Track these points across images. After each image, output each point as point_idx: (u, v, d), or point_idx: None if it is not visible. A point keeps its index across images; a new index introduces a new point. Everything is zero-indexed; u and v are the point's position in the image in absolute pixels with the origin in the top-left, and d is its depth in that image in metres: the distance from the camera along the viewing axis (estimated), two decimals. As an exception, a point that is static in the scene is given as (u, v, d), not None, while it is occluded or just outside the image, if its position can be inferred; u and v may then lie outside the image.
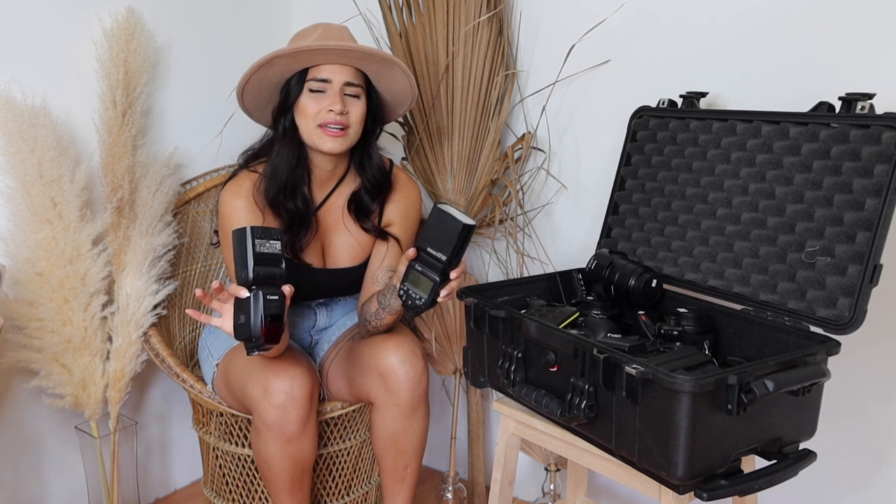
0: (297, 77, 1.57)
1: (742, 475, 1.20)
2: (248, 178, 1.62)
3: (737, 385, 1.11)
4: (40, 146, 1.64)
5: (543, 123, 1.89)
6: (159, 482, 2.12)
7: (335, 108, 1.54)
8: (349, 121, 1.56)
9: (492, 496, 1.57)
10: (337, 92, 1.55)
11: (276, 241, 1.34)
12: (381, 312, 1.60)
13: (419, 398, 1.60)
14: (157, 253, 1.79)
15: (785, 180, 1.38)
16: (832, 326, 1.25)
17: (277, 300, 1.32)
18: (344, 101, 1.55)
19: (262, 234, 1.32)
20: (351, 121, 1.57)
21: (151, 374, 2.02)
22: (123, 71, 1.74)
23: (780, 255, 1.36)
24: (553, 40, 1.83)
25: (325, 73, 1.55)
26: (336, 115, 1.54)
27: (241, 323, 1.33)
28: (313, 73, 1.55)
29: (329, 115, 1.54)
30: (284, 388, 1.50)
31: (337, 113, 1.54)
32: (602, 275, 1.53)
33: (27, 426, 1.81)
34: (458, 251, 1.37)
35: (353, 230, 1.69)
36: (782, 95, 1.52)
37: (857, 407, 1.57)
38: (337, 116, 1.54)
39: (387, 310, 1.59)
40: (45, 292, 1.65)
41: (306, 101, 1.56)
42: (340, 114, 1.54)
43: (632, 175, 1.65)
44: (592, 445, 1.32)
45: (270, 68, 1.55)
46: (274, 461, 1.54)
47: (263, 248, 1.32)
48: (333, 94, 1.55)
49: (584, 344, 1.25)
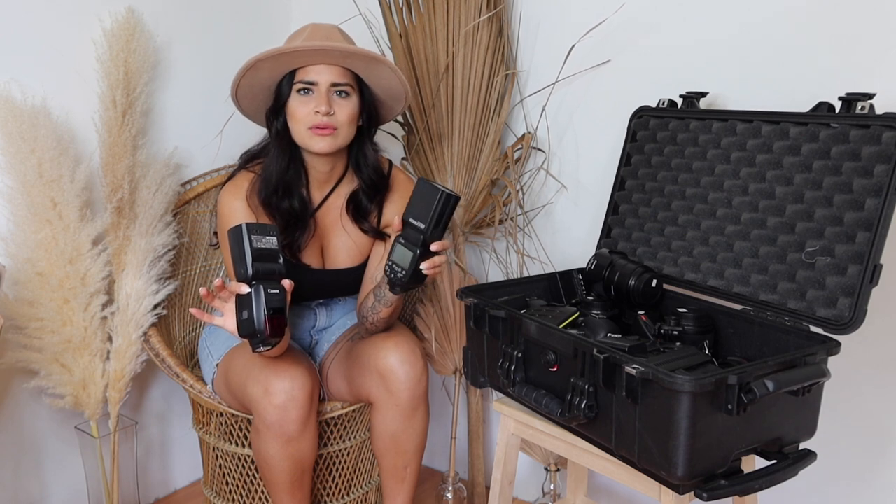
0: (287, 79, 1.57)
1: (742, 475, 1.20)
2: (246, 178, 1.62)
3: (737, 385, 1.11)
4: (40, 146, 1.64)
5: (543, 123, 1.89)
6: (159, 482, 2.12)
7: (321, 110, 1.53)
8: (337, 121, 1.56)
9: (492, 496, 1.57)
10: (324, 93, 1.55)
11: (272, 237, 1.34)
12: (378, 305, 1.59)
13: (419, 398, 1.60)
14: (157, 253, 1.79)
15: (785, 180, 1.38)
16: (832, 326, 1.25)
17: (279, 294, 1.33)
18: (331, 102, 1.55)
19: (258, 230, 1.33)
20: (339, 121, 1.56)
21: (151, 374, 2.02)
22: (123, 71, 1.74)
23: (780, 255, 1.36)
24: (553, 40, 1.83)
25: (311, 74, 1.55)
26: (323, 117, 1.54)
27: (244, 319, 1.33)
28: (300, 76, 1.56)
29: (317, 116, 1.54)
30: (285, 388, 1.50)
31: (323, 114, 1.54)
32: (602, 275, 1.53)
33: (27, 426, 1.81)
34: (437, 221, 1.37)
35: (351, 231, 1.69)
36: (782, 95, 1.52)
37: (857, 407, 1.57)
38: (324, 118, 1.54)
39: (382, 301, 1.58)
40: (45, 292, 1.65)
41: (295, 103, 1.57)
42: (327, 114, 1.54)
43: (632, 175, 1.65)
44: (592, 445, 1.32)
45: (257, 72, 1.56)
46: (274, 461, 1.54)
47: (260, 243, 1.33)
48: (320, 96, 1.55)
49: (584, 344, 1.25)
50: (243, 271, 1.32)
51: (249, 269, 1.32)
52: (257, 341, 1.34)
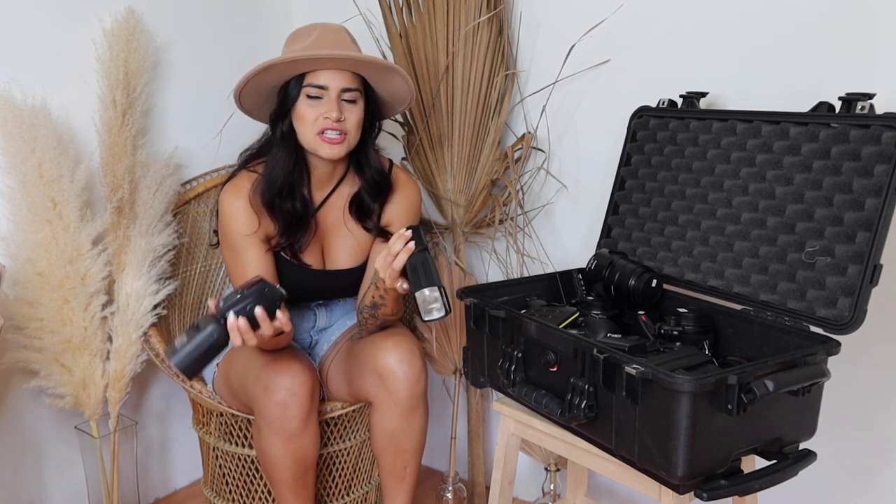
0: (295, 81, 1.56)
1: (742, 475, 1.20)
2: (247, 178, 1.62)
3: (737, 385, 1.11)
4: (40, 146, 1.64)
5: (543, 123, 1.89)
6: (159, 482, 2.12)
7: (332, 116, 1.53)
8: (346, 127, 1.56)
9: (492, 496, 1.57)
10: (334, 99, 1.54)
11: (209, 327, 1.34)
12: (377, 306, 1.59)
13: (417, 398, 1.60)
14: (157, 253, 1.79)
15: (785, 180, 1.38)
16: (832, 326, 1.25)
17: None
18: (341, 108, 1.55)
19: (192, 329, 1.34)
20: (349, 127, 1.56)
21: (151, 374, 2.02)
22: (123, 71, 1.74)
23: (780, 255, 1.36)
24: (553, 40, 1.83)
25: (322, 79, 1.54)
26: (334, 122, 1.54)
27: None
28: (310, 79, 1.55)
29: (326, 122, 1.54)
30: (285, 385, 1.50)
31: (334, 120, 1.53)
32: (602, 275, 1.53)
33: (27, 426, 1.81)
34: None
35: (353, 230, 1.69)
36: (782, 95, 1.52)
37: (858, 407, 1.57)
38: (334, 124, 1.54)
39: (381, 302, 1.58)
40: (45, 292, 1.65)
41: (304, 107, 1.56)
42: (338, 121, 1.54)
43: (632, 175, 1.65)
44: (592, 445, 1.32)
45: (267, 74, 1.55)
46: (276, 458, 1.54)
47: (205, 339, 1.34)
48: (330, 101, 1.54)
49: (584, 344, 1.25)
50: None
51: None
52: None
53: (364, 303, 1.62)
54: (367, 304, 1.61)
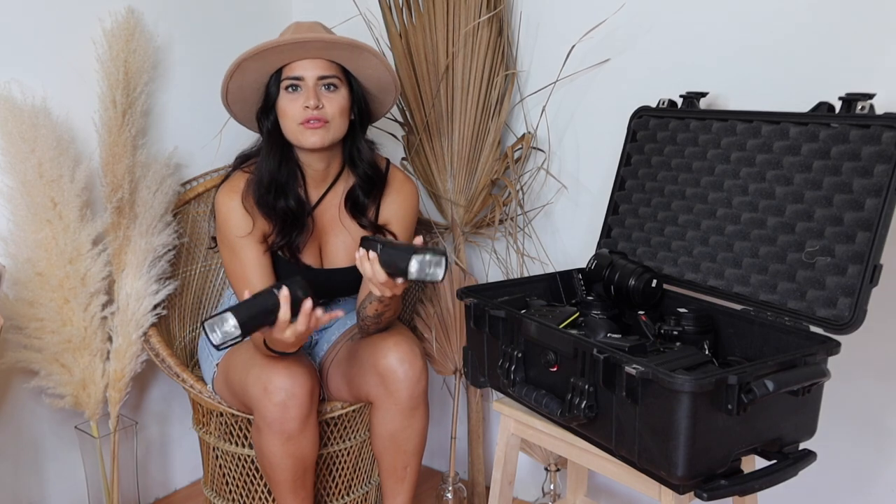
0: (274, 79, 1.57)
1: (742, 475, 1.20)
2: (241, 179, 1.62)
3: (737, 385, 1.11)
4: (40, 146, 1.64)
5: (543, 123, 1.89)
6: (159, 482, 2.12)
7: (310, 104, 1.53)
8: (327, 114, 1.55)
9: (492, 496, 1.57)
10: (311, 87, 1.55)
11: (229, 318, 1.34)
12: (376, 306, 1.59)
13: (418, 398, 1.60)
14: (157, 253, 1.79)
15: (785, 180, 1.38)
16: (832, 326, 1.25)
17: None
18: (319, 96, 1.55)
19: (214, 323, 1.34)
20: (330, 114, 1.56)
21: (151, 374, 2.02)
22: (123, 71, 1.74)
23: (780, 255, 1.36)
24: (553, 40, 1.83)
25: (297, 70, 1.55)
26: (312, 111, 1.54)
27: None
28: (287, 73, 1.55)
29: (307, 111, 1.54)
30: (285, 386, 1.50)
31: (312, 108, 1.53)
32: (602, 275, 1.53)
33: (27, 426, 1.81)
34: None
35: (350, 228, 1.68)
36: (782, 95, 1.52)
37: (858, 407, 1.57)
38: (314, 112, 1.54)
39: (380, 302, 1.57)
40: (45, 292, 1.65)
41: (284, 101, 1.56)
42: (316, 108, 1.54)
43: (632, 175, 1.65)
44: (592, 445, 1.32)
45: (245, 74, 1.56)
46: (275, 459, 1.54)
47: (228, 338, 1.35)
48: (308, 90, 1.55)
49: (584, 344, 1.25)
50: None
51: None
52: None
53: (366, 313, 1.61)
54: (369, 314, 1.60)
